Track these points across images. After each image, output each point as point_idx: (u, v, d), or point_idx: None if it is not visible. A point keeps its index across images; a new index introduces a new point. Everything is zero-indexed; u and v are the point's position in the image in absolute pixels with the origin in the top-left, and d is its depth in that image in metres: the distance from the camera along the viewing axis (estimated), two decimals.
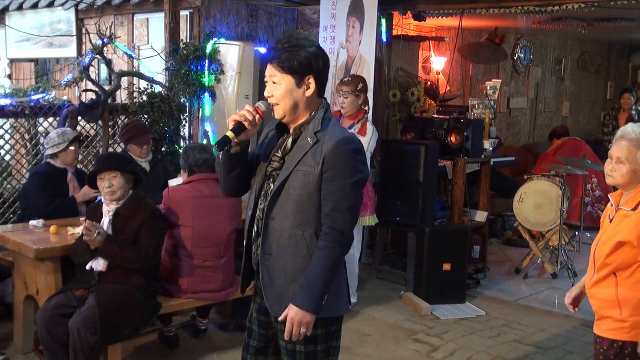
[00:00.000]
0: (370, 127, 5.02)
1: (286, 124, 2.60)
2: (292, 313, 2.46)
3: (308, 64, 2.50)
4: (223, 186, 2.71)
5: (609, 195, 3.00)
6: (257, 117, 2.54)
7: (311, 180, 2.48)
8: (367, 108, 5.11)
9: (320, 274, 2.45)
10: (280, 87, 2.51)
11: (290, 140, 2.57)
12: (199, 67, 5.75)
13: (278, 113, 2.55)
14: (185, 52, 5.72)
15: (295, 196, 2.50)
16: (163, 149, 5.73)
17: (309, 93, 2.53)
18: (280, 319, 2.50)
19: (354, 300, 5.23)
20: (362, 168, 2.52)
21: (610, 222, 2.91)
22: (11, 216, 5.18)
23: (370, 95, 5.71)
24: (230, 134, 2.50)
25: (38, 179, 4.67)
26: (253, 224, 2.63)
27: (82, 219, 3.95)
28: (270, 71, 2.53)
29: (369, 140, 4.91)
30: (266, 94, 2.56)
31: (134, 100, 5.87)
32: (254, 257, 2.66)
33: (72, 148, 4.70)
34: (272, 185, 2.57)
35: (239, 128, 2.51)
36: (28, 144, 5.52)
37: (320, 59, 2.55)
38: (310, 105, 2.55)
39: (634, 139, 2.81)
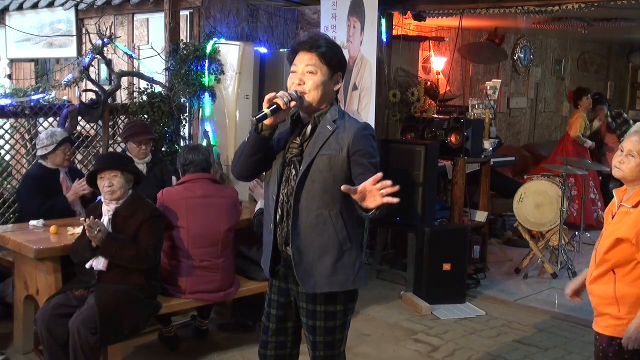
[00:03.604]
0: None
1: (299, 116, 2.76)
2: None
3: (343, 63, 2.75)
4: (239, 168, 2.80)
5: (613, 191, 3.01)
6: (292, 102, 2.64)
7: (337, 162, 2.65)
8: None
9: None
10: (315, 77, 2.66)
11: (309, 128, 2.71)
12: (199, 67, 5.74)
13: (306, 102, 2.66)
14: (185, 52, 5.72)
15: (321, 178, 2.66)
16: (163, 149, 5.73)
17: (336, 88, 2.74)
18: None
19: None
20: (376, 152, 2.76)
21: (613, 218, 2.93)
22: (11, 216, 5.17)
23: (371, 96, 5.75)
24: (267, 111, 2.59)
25: (29, 181, 4.65)
26: (277, 209, 2.75)
27: (82, 218, 3.95)
28: (309, 60, 2.66)
29: None
30: (296, 82, 2.66)
31: (134, 100, 5.87)
32: (279, 239, 2.78)
33: (60, 150, 4.64)
34: (293, 171, 2.72)
35: (276, 108, 2.60)
36: (28, 144, 5.50)
37: (346, 63, 2.81)
38: (331, 99, 2.74)
39: None
